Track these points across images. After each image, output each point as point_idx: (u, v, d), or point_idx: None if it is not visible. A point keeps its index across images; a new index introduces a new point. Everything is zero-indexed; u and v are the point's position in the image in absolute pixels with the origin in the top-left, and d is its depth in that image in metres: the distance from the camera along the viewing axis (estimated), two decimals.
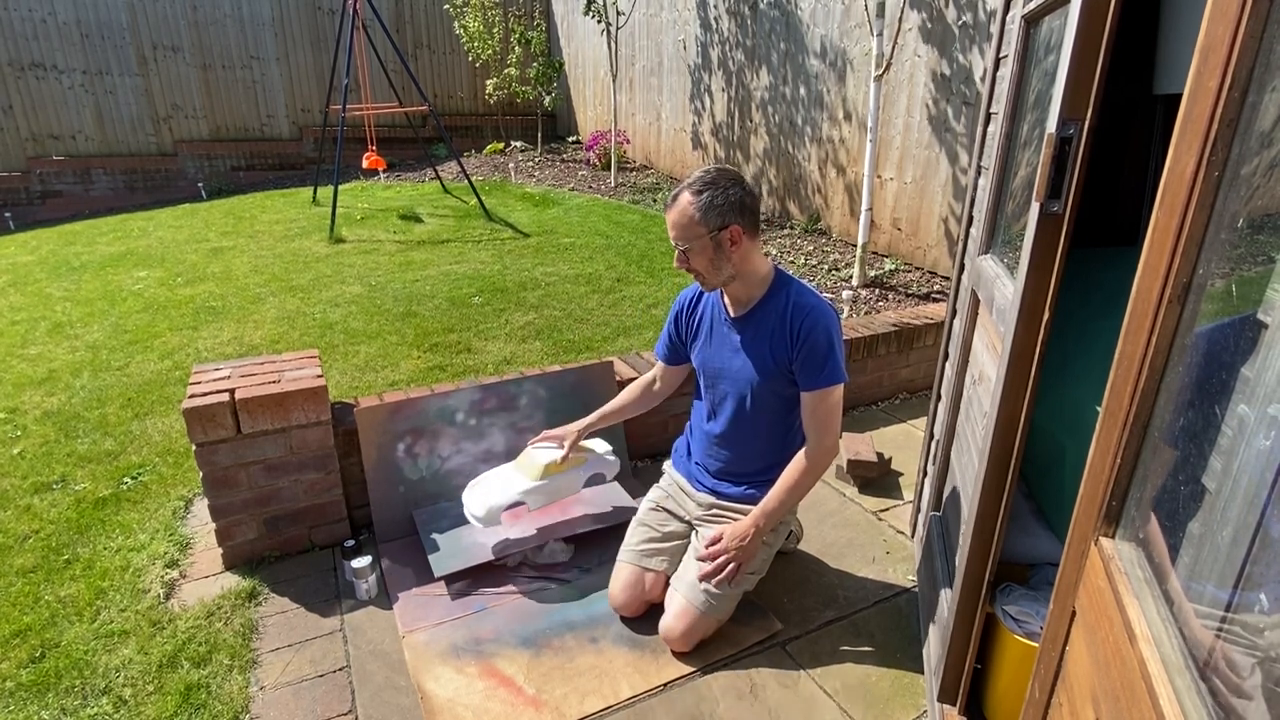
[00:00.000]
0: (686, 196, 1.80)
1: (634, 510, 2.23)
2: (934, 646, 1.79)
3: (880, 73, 4.06)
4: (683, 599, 1.90)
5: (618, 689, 1.80)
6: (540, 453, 2.20)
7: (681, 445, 2.22)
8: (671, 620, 1.90)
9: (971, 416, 1.74)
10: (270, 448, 2.15)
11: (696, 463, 2.12)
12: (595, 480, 2.33)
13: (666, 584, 2.00)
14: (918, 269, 4.59)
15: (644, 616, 2.01)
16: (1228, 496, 0.66)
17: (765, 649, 1.94)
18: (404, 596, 2.11)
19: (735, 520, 1.95)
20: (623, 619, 2.02)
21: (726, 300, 1.98)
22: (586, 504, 2.43)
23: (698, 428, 2.13)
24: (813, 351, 1.83)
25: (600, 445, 2.36)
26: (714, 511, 2.04)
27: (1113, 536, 0.86)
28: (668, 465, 2.25)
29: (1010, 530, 1.62)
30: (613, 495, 2.47)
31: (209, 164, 8.76)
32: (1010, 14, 1.88)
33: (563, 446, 2.16)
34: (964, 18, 4.01)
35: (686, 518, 2.10)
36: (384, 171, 8.00)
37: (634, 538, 2.09)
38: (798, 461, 1.89)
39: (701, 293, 2.06)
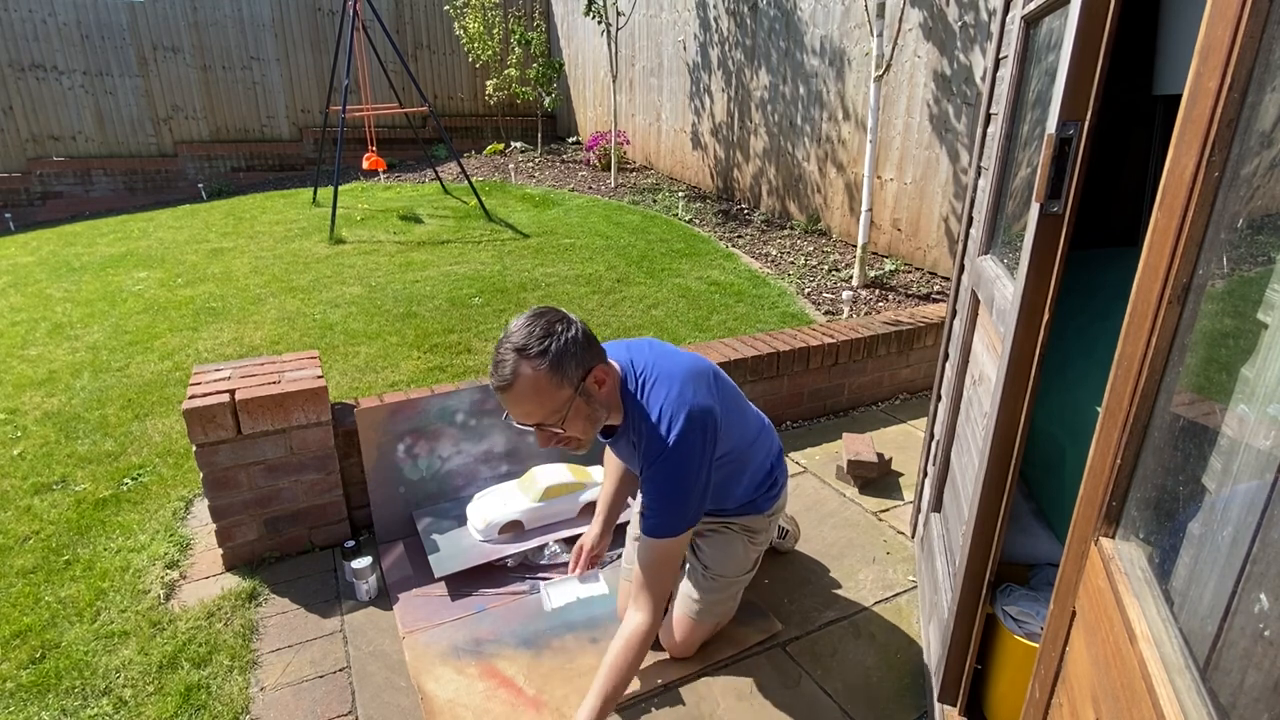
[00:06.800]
0: (525, 367, 1.41)
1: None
2: (934, 647, 1.79)
3: (880, 73, 4.06)
4: (676, 610, 1.89)
5: None
6: (542, 473, 2.31)
7: None
8: (669, 630, 1.89)
9: (971, 417, 1.74)
10: (270, 448, 2.15)
11: None
12: (591, 507, 2.35)
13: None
14: (918, 269, 4.60)
15: None
16: (1228, 496, 0.66)
17: (766, 650, 1.94)
18: (404, 597, 2.11)
19: (729, 531, 1.89)
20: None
21: None
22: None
23: None
24: (649, 490, 1.57)
25: (600, 472, 2.40)
26: (708, 523, 1.97)
27: (1113, 536, 0.86)
28: None
29: (1010, 530, 1.62)
30: None
31: (209, 165, 8.76)
32: (1010, 14, 1.88)
33: (579, 561, 2.06)
34: (965, 17, 4.01)
35: None
36: (384, 172, 7.99)
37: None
38: (614, 643, 1.58)
39: None
